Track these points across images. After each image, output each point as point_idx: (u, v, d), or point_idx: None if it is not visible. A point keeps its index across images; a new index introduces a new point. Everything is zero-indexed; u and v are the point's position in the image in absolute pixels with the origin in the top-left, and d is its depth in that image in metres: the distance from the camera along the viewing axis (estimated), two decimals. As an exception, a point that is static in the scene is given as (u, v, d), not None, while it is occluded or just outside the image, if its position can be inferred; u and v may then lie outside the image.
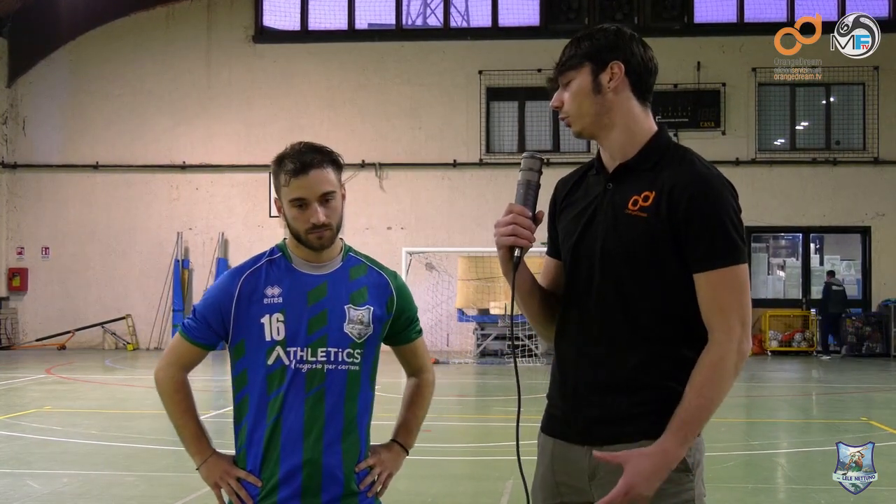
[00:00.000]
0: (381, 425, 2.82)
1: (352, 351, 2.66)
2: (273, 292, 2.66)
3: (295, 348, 2.62)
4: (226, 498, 2.69)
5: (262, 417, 2.64)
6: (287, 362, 2.62)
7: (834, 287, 20.23)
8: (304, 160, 2.61)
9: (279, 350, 2.63)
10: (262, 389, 2.64)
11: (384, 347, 2.81)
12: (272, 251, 2.75)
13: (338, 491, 2.64)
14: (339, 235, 2.73)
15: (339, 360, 2.64)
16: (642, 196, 2.37)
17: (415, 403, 2.90)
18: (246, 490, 2.64)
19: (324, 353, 2.63)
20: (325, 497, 2.62)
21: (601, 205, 2.44)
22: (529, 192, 2.43)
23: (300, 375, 2.62)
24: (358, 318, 2.67)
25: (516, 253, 2.40)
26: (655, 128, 2.47)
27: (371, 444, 2.77)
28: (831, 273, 20.75)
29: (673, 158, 2.41)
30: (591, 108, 2.43)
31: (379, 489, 2.75)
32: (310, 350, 2.62)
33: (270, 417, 2.62)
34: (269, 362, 2.63)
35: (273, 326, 2.63)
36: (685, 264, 2.34)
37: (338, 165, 2.68)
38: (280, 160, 2.66)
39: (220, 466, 2.68)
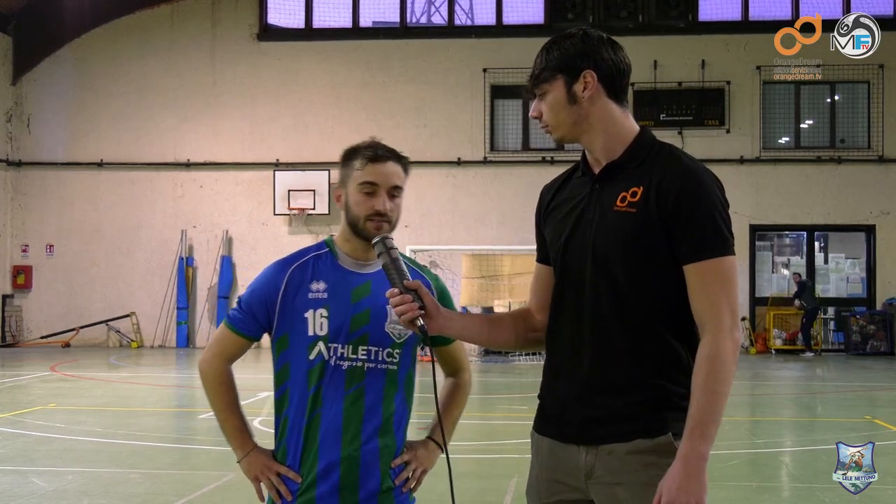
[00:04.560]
0: (412, 423, 2.85)
1: (392, 351, 2.69)
2: (318, 287, 2.69)
3: (336, 345, 2.65)
4: (265, 492, 2.73)
5: (301, 411, 2.67)
6: (327, 357, 2.65)
7: (808, 284, 20.39)
8: (382, 151, 2.69)
9: (321, 345, 2.65)
10: (304, 384, 2.67)
11: None
12: (319, 246, 2.78)
13: (375, 487, 2.68)
14: None
15: (379, 359, 2.68)
16: (630, 192, 2.39)
17: (452, 402, 2.95)
18: (286, 485, 2.68)
19: (364, 352, 2.66)
20: (363, 493, 2.66)
21: (589, 205, 2.46)
22: (391, 272, 2.50)
23: (339, 372, 2.65)
24: None
25: (418, 324, 2.46)
26: (637, 128, 2.49)
27: (407, 440, 2.80)
28: (798, 274, 20.87)
29: (659, 155, 2.43)
30: (569, 118, 2.46)
31: (413, 485, 2.79)
32: (350, 347, 2.66)
33: (310, 412, 2.66)
34: (311, 357, 2.66)
35: (317, 322, 2.66)
36: (675, 259, 2.35)
37: (406, 170, 2.74)
38: (355, 149, 2.73)
39: (261, 461, 2.72)
